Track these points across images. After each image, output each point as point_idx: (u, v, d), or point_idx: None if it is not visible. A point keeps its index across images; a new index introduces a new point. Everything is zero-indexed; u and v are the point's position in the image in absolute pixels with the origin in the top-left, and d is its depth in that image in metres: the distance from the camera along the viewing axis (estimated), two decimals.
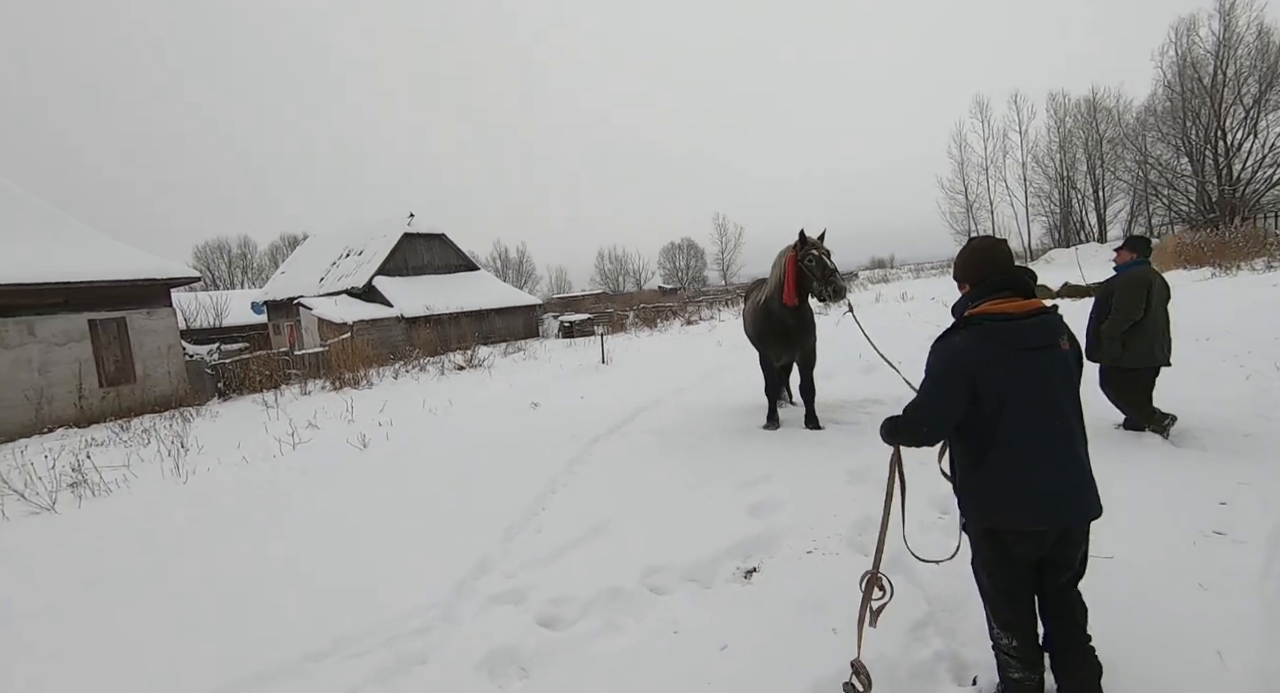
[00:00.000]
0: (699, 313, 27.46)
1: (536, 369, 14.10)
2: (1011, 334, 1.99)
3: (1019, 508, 1.98)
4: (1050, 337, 2.01)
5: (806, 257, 5.52)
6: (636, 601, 3.07)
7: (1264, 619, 2.43)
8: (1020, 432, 1.98)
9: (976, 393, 2.00)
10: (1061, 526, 1.99)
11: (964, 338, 2.05)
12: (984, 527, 2.09)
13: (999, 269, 2.11)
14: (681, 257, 72.99)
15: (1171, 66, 30.61)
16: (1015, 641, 2.09)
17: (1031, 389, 1.98)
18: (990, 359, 1.99)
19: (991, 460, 2.02)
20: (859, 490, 4.33)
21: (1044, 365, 1.99)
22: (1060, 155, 41.04)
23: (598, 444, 6.31)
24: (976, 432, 2.04)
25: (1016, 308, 2.02)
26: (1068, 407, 2.02)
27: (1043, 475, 1.97)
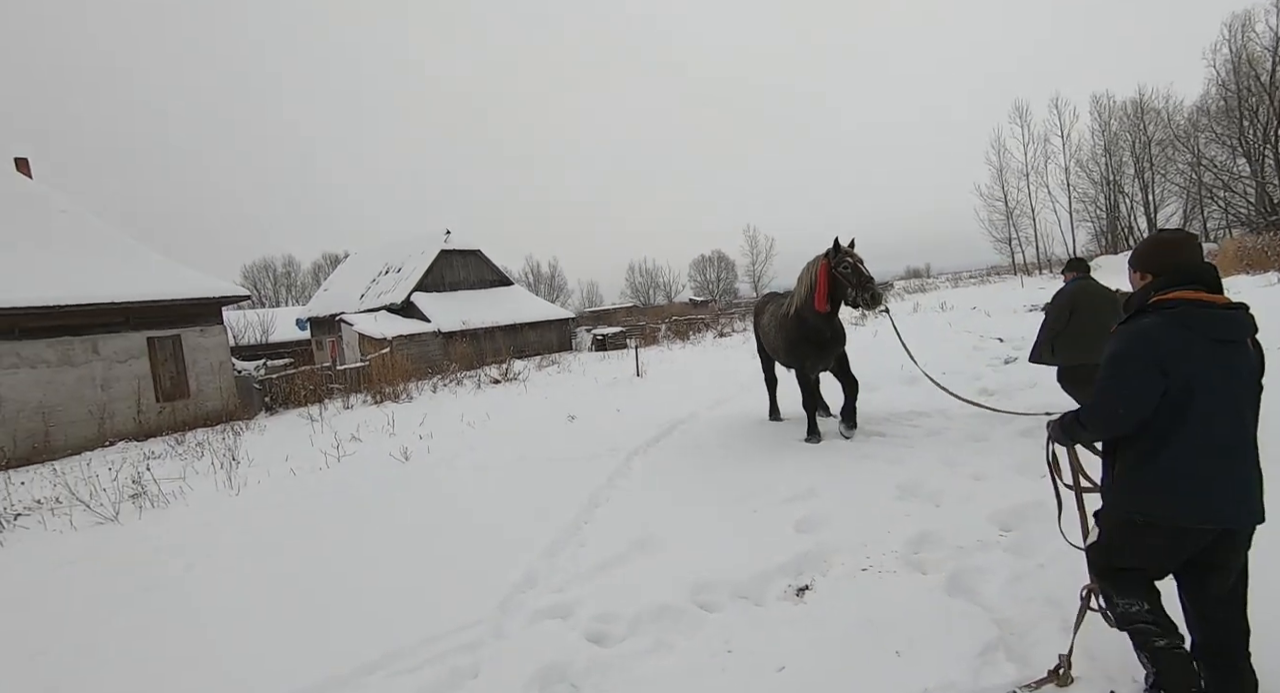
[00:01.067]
0: (731, 325, 27.27)
1: (571, 382, 14.16)
2: (1210, 322, 1.93)
3: (1184, 504, 1.91)
4: (1242, 333, 1.95)
5: (841, 264, 5.52)
6: (686, 618, 3.00)
7: None
8: (1201, 425, 1.91)
9: (1170, 381, 1.92)
10: (1224, 526, 1.91)
11: (1156, 321, 1.97)
12: (1126, 518, 2.03)
13: (1188, 263, 2.02)
14: (712, 269, 72.80)
15: (1225, 64, 29.48)
16: (1145, 604, 2.02)
17: (1220, 383, 1.91)
18: (1184, 345, 1.92)
19: (1170, 453, 1.94)
20: (910, 505, 4.17)
21: (1234, 360, 1.94)
22: (1106, 159, 39.75)
23: (637, 458, 6.26)
24: (1157, 421, 1.96)
25: (1213, 299, 1.96)
26: (1248, 406, 1.96)
27: (1216, 472, 1.90)
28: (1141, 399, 1.95)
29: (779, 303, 6.87)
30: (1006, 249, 45.97)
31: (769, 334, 6.78)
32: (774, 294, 7.53)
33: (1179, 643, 2.00)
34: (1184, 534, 1.94)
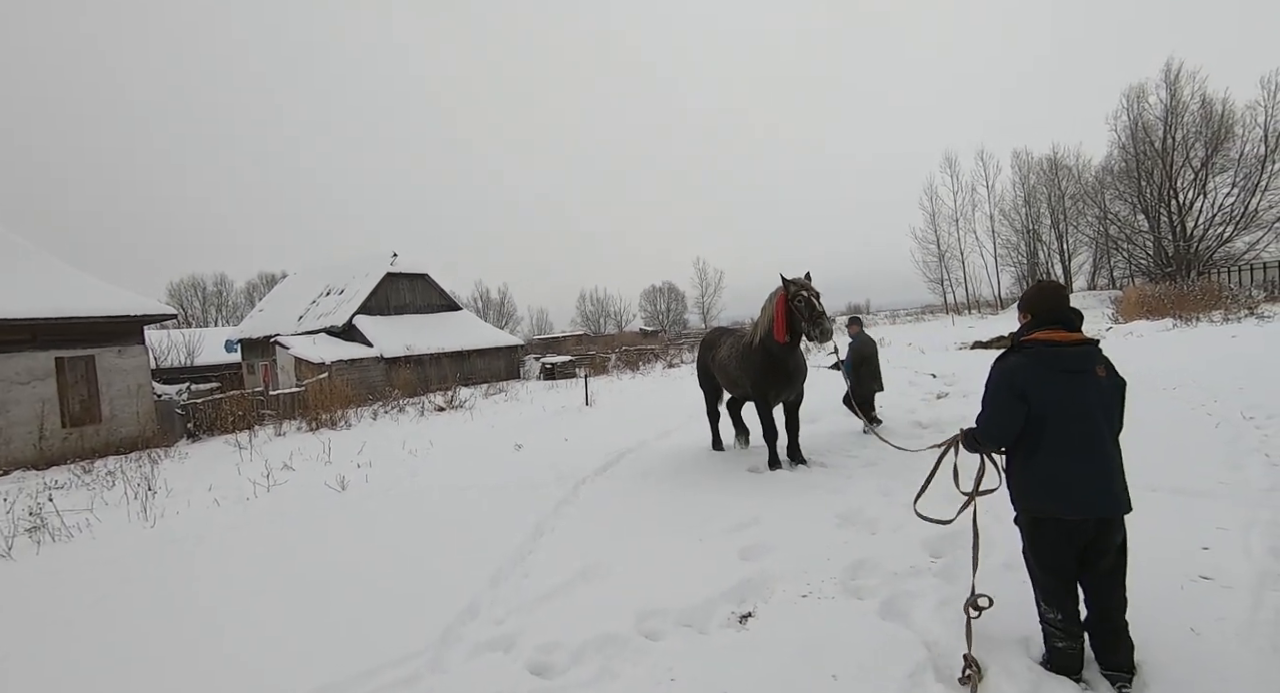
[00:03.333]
0: (680, 356, 27.61)
1: (519, 410, 13.96)
2: (1058, 357, 2.43)
3: (1057, 499, 2.40)
4: (1087, 363, 2.44)
5: (796, 298, 5.62)
6: (631, 647, 2.99)
7: (1256, 666, 2.45)
8: (1060, 436, 2.40)
9: (1030, 406, 2.44)
10: (1092, 515, 2.36)
11: (1018, 359, 2.51)
12: (1031, 516, 2.50)
13: (1058, 308, 2.52)
14: (662, 300, 73.78)
15: (1125, 130, 32.61)
16: (1060, 615, 2.46)
17: (1070, 403, 2.39)
18: (1038, 376, 2.43)
19: (1038, 460, 2.44)
20: (849, 533, 4.32)
21: (1082, 385, 2.41)
22: (1026, 209, 42.97)
23: (584, 486, 6.22)
24: (1027, 435, 2.48)
25: (1063, 338, 2.46)
26: (1100, 419, 2.40)
27: (1075, 473, 2.37)
28: (1009, 420, 2.50)
29: (734, 336, 6.94)
30: (939, 289, 48.65)
31: (726, 367, 6.74)
32: (723, 329, 7.61)
33: (1075, 647, 2.47)
34: (1071, 525, 2.39)
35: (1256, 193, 28.44)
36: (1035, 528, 2.50)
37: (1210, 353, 10.69)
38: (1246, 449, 5.27)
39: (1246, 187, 28.72)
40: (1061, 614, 2.46)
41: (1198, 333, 14.38)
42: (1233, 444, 5.46)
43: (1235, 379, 8.22)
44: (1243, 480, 4.55)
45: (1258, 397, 7.09)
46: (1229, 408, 6.74)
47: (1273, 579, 3.05)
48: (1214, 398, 7.28)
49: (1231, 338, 12.74)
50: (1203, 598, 2.95)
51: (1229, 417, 6.41)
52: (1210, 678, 2.39)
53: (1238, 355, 10.29)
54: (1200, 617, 2.77)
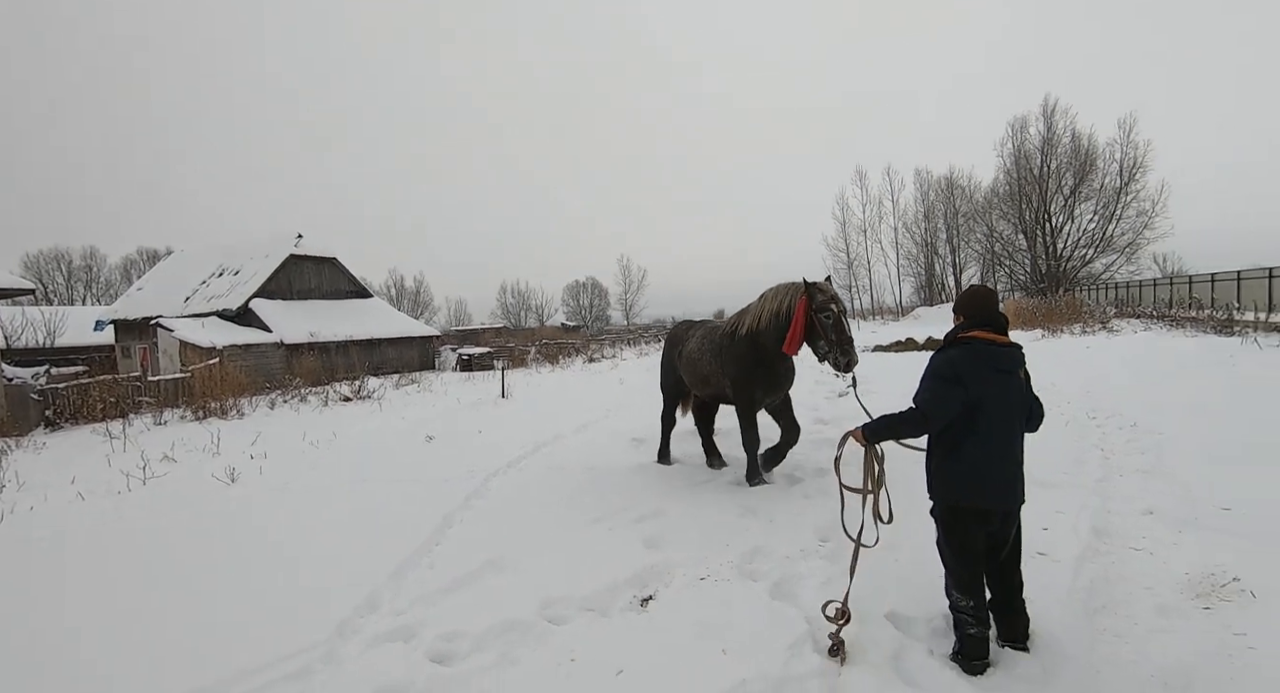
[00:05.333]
0: (601, 351, 27.71)
1: (432, 402, 13.55)
2: (994, 356, 2.62)
3: (979, 490, 2.59)
4: (1014, 365, 2.66)
5: (824, 310, 4.82)
6: (534, 632, 3.06)
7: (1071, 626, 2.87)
8: (986, 431, 2.58)
9: (968, 395, 2.57)
10: (1005, 507, 2.62)
11: (959, 352, 2.65)
12: (949, 505, 2.67)
13: (989, 311, 2.70)
14: (585, 295, 73.60)
15: (1010, 156, 35.94)
16: (971, 602, 2.62)
17: (999, 401, 2.58)
18: (975, 370, 2.58)
19: (963, 452, 2.60)
20: (750, 522, 4.57)
21: (1009, 385, 2.62)
22: (925, 224, 46.40)
23: (496, 479, 6.19)
24: (954, 427, 2.62)
25: (997, 339, 2.65)
26: (1018, 419, 2.66)
27: (995, 467, 2.59)
28: (948, 405, 2.60)
29: (705, 327, 6.13)
30: (848, 295, 51.60)
31: (697, 362, 5.86)
32: (691, 321, 6.72)
33: (984, 632, 2.63)
34: (985, 514, 2.61)
35: (1113, 220, 32.25)
36: (953, 518, 2.64)
37: (1068, 361, 12.08)
38: (1087, 446, 6.04)
39: (1105, 214, 32.50)
40: (973, 602, 2.61)
41: (1060, 343, 16.15)
42: (1077, 442, 6.23)
43: (1085, 385, 9.35)
44: (1082, 472, 5.21)
45: (1101, 400, 8.12)
46: (1077, 410, 7.68)
47: (1092, 554, 3.56)
48: (1067, 401, 8.26)
49: (1086, 348, 14.42)
50: (1038, 572, 3.38)
51: (1076, 417, 7.30)
52: (1045, 635, 2.77)
53: (1089, 364, 11.69)
54: (1033, 587, 3.18)
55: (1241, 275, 19.82)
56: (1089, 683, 2.42)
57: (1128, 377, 9.91)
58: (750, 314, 5.42)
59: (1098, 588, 3.17)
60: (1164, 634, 2.71)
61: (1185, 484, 4.65)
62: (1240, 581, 3.05)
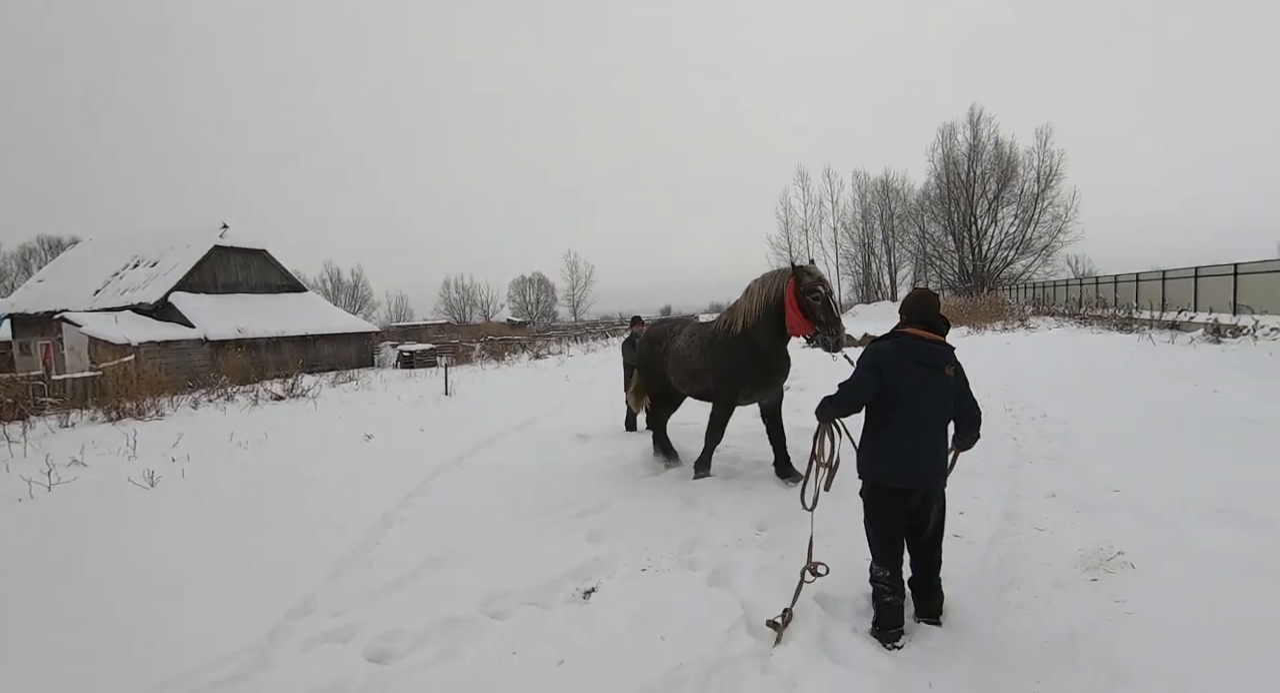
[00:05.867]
0: (548, 347, 27.52)
1: (371, 400, 13.15)
2: (917, 350, 2.84)
3: (895, 471, 2.82)
4: (939, 361, 2.85)
5: (811, 292, 4.82)
6: (475, 627, 3.07)
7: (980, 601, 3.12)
8: (903, 418, 2.80)
9: (884, 383, 2.82)
10: (920, 489, 2.82)
11: (885, 345, 2.91)
12: (871, 483, 2.90)
13: (925, 311, 2.93)
14: (532, 291, 72.73)
15: (940, 162, 37.80)
16: (887, 573, 2.85)
17: (918, 391, 2.80)
18: (898, 362, 2.82)
19: (883, 435, 2.85)
20: (690, 514, 4.71)
21: (930, 377, 2.82)
22: (863, 225, 48.20)
23: (438, 477, 6.11)
24: (878, 412, 2.87)
25: (924, 335, 2.87)
26: (939, 410, 2.85)
27: (910, 450, 2.80)
28: (863, 388, 2.87)
29: (692, 324, 6.04)
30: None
31: (685, 360, 5.73)
32: (671, 319, 6.61)
33: (899, 601, 2.85)
34: (903, 495, 2.82)
35: (1031, 224, 34.45)
36: (874, 495, 2.88)
37: (990, 356, 12.88)
38: (1002, 435, 6.49)
39: (1024, 218, 34.68)
40: (889, 572, 2.84)
41: (984, 339, 17.19)
42: (994, 432, 6.68)
43: (1004, 379, 10.01)
44: (997, 460, 5.60)
45: (1017, 393, 8.72)
46: (996, 402, 8.22)
47: (1002, 536, 3.86)
48: (988, 394, 8.80)
49: (1006, 344, 15.40)
50: (954, 553, 3.64)
51: (994, 409, 7.81)
52: (958, 610, 3.00)
53: (1008, 359, 12.51)
54: (950, 567, 3.43)
55: (1140, 278, 21.57)
56: (992, 652, 2.65)
57: (1041, 371, 10.67)
58: (740, 310, 5.36)
59: (1005, 566, 3.45)
60: (1058, 605, 2.98)
61: (1084, 469, 5.09)
62: (1124, 554, 3.38)
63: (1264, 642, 2.53)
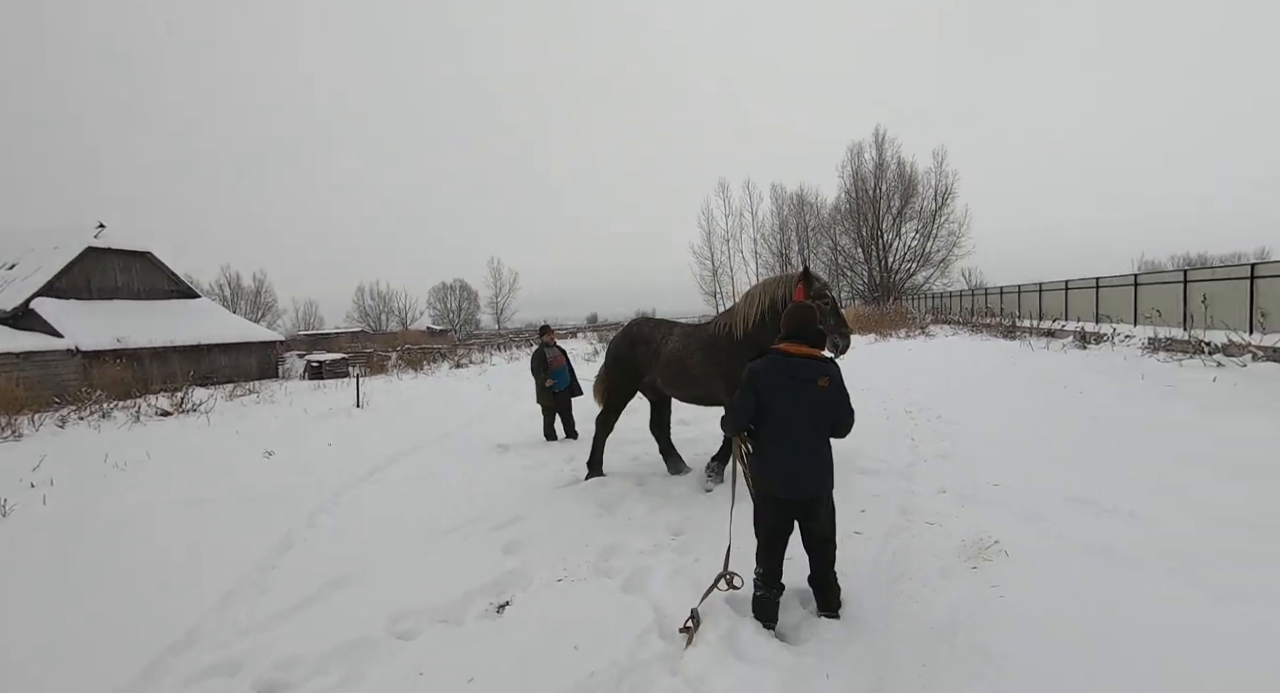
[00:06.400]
0: (469, 356, 26.80)
1: (274, 414, 12.31)
2: (787, 366, 2.95)
3: (776, 483, 2.95)
4: (810, 374, 2.94)
5: (821, 296, 4.91)
6: (381, 649, 2.95)
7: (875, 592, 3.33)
8: (779, 431, 2.94)
9: (761, 400, 2.94)
10: (795, 497, 2.94)
11: (760, 363, 3.02)
12: (757, 491, 3.03)
13: (799, 325, 3.04)
14: (454, 298, 70.64)
15: (849, 178, 40.10)
16: (763, 570, 3.02)
17: (791, 405, 2.92)
18: (770, 378, 2.94)
19: (765, 449, 2.98)
20: (608, 522, 4.73)
21: (802, 391, 2.92)
22: (780, 236, 50.23)
23: (347, 494, 5.82)
24: (760, 428, 2.99)
25: (795, 351, 2.98)
26: (816, 421, 2.96)
27: (788, 463, 2.93)
28: (745, 408, 2.99)
29: (683, 327, 5.97)
30: (713, 301, 54.41)
31: (686, 362, 5.58)
32: (653, 319, 6.34)
33: (769, 596, 3.00)
34: (783, 503, 2.96)
35: (930, 238, 37.18)
36: (760, 503, 3.03)
37: (893, 362, 13.76)
38: (901, 436, 6.94)
39: (924, 233, 37.37)
40: (764, 570, 3.01)
41: (889, 346, 18.34)
42: (895, 433, 7.14)
43: (905, 383, 10.72)
44: (895, 459, 5.99)
45: (916, 396, 9.35)
46: (897, 405, 8.79)
47: (896, 530, 4.13)
48: (890, 398, 9.41)
49: (908, 350, 16.52)
50: (854, 549, 3.87)
51: (895, 411, 8.36)
52: (854, 603, 3.17)
53: (910, 364, 13.42)
54: (849, 562, 3.65)
55: (1021, 289, 23.76)
56: (884, 640, 2.84)
57: (938, 376, 11.52)
58: (740, 314, 5.38)
59: (898, 559, 3.70)
60: (943, 593, 3.23)
61: (970, 466, 5.54)
62: (1000, 543, 3.71)
63: (1114, 618, 2.86)
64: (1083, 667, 2.53)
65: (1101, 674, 2.47)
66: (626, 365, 6.01)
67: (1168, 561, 3.36)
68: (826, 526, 3.04)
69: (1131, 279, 17.05)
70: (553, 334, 8.53)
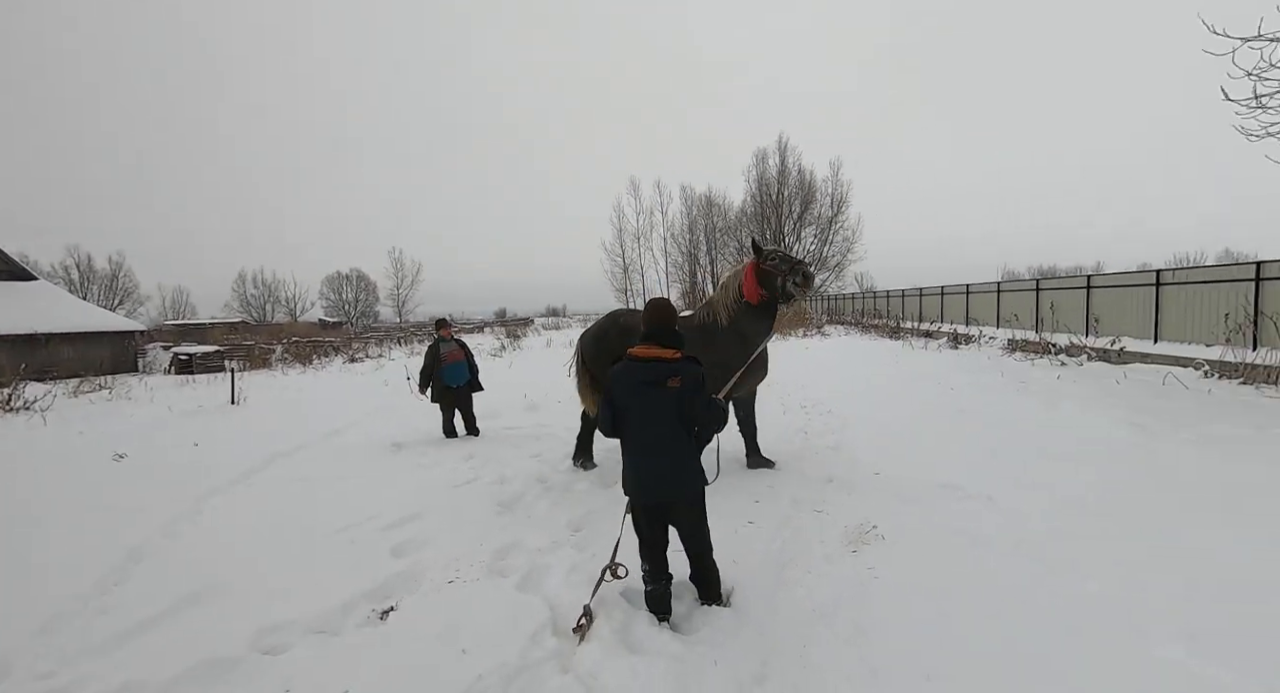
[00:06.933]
0: (366, 350, 25.27)
1: (130, 412, 11.00)
2: (634, 371, 2.91)
3: (632, 489, 2.97)
4: (657, 376, 2.87)
5: (769, 258, 5.27)
6: (243, 667, 2.67)
7: (764, 579, 3.46)
8: (632, 437, 2.92)
9: (617, 407, 2.93)
10: (648, 503, 2.95)
11: (616, 368, 2.99)
12: (627, 496, 3.03)
13: (652, 324, 2.99)
14: (350, 288, 66.38)
15: (755, 182, 41.66)
16: (647, 566, 3.04)
17: (642, 410, 2.88)
18: (619, 385, 2.93)
19: (626, 455, 2.99)
20: (507, 520, 4.60)
21: (652, 394, 2.86)
22: (689, 236, 51.37)
23: (214, 498, 5.28)
24: (622, 434, 2.98)
25: (643, 354, 2.91)
26: (666, 424, 2.89)
27: (643, 470, 2.93)
28: (604, 418, 3.01)
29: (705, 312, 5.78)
30: (624, 298, 54.72)
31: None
32: (634, 312, 6.18)
33: (658, 590, 3.02)
34: (646, 505, 2.96)
35: (827, 244, 39.44)
36: (630, 505, 3.04)
37: (793, 360, 14.45)
38: (795, 430, 7.29)
39: (822, 238, 39.58)
40: (649, 565, 3.03)
41: (789, 344, 19.25)
42: (789, 426, 7.50)
43: (800, 379, 11.29)
44: (790, 451, 6.28)
45: (810, 391, 9.87)
46: (793, 400, 9.23)
47: (787, 519, 4.32)
48: (788, 393, 9.87)
49: (806, 349, 17.43)
50: (747, 538, 4.02)
51: (792, 406, 8.78)
52: (744, 591, 3.27)
53: (807, 361, 14.16)
54: (741, 551, 3.77)
55: (905, 293, 25.75)
56: (771, 625, 2.95)
57: (831, 372, 12.23)
58: (718, 303, 5.57)
59: (786, 546, 3.87)
60: (825, 577, 3.41)
61: (855, 456, 5.91)
62: (878, 528, 3.98)
63: (967, 591, 3.14)
64: (940, 635, 2.75)
65: (954, 641, 2.71)
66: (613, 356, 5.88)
67: (1016, 540, 3.75)
68: (691, 526, 3.02)
69: (995, 287, 18.94)
70: (450, 328, 8.18)
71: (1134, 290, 12.73)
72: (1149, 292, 12.26)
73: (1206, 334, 10.68)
